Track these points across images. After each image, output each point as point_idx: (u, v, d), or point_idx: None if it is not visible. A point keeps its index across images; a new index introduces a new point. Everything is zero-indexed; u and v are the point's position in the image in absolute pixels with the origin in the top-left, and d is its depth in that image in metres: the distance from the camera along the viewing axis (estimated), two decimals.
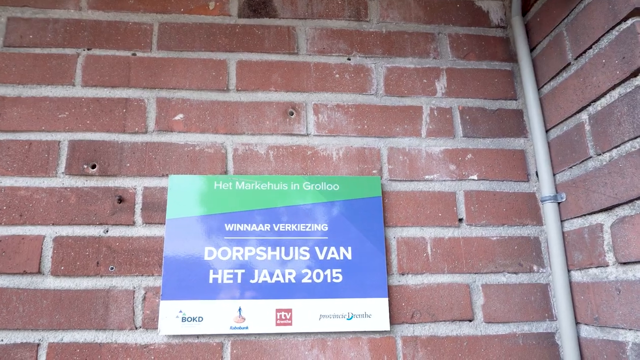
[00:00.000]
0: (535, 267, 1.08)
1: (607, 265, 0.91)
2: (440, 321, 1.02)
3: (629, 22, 0.84)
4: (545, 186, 1.06)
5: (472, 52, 1.22)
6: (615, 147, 0.87)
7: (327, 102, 1.13)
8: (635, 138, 0.83)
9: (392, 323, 1.01)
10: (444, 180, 1.11)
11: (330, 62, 1.16)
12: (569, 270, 1.02)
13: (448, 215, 1.09)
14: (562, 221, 1.05)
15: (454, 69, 1.19)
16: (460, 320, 1.03)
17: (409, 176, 1.10)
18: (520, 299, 1.05)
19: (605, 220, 0.91)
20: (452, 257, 1.06)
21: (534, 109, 1.10)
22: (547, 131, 1.10)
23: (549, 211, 1.05)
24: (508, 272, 1.07)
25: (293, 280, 1.00)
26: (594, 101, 0.93)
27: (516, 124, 1.17)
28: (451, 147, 1.14)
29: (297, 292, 0.99)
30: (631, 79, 0.84)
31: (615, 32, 0.87)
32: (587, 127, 0.96)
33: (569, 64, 1.01)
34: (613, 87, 0.88)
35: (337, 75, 1.16)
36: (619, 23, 0.86)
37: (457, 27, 1.23)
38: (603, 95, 0.91)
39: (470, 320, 1.03)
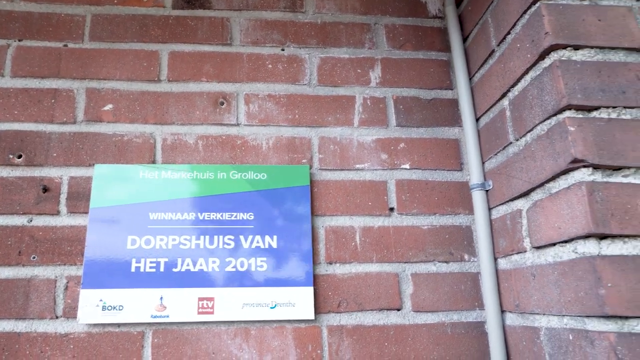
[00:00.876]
0: (466, 256, 1.07)
1: (526, 251, 0.90)
2: (367, 310, 1.02)
3: (537, 4, 0.84)
4: (474, 174, 1.06)
5: (409, 42, 1.22)
6: (529, 131, 0.87)
7: (259, 92, 1.13)
8: (544, 121, 0.82)
9: (318, 312, 1.00)
10: (375, 170, 1.11)
11: (264, 53, 1.16)
12: (495, 258, 1.02)
13: (378, 205, 1.08)
14: (490, 209, 1.04)
15: (389, 59, 1.19)
16: (388, 310, 1.02)
17: (340, 165, 1.10)
18: (450, 288, 1.05)
19: (524, 205, 0.90)
20: (382, 246, 1.06)
21: (464, 97, 1.10)
22: (477, 119, 1.10)
23: (477, 199, 1.04)
24: (439, 261, 1.06)
25: (217, 269, 0.99)
26: (512, 86, 0.93)
27: (451, 113, 1.16)
28: (384, 137, 1.13)
29: (221, 280, 0.99)
30: (539, 62, 0.83)
31: (527, 16, 0.87)
32: (508, 113, 0.95)
33: (493, 51, 1.01)
34: (526, 71, 0.88)
35: (270, 66, 1.16)
36: (530, 6, 0.86)
37: (394, 18, 1.23)
38: (519, 80, 0.90)
39: (399, 310, 1.02)
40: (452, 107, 1.17)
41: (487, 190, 1.04)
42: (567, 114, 0.77)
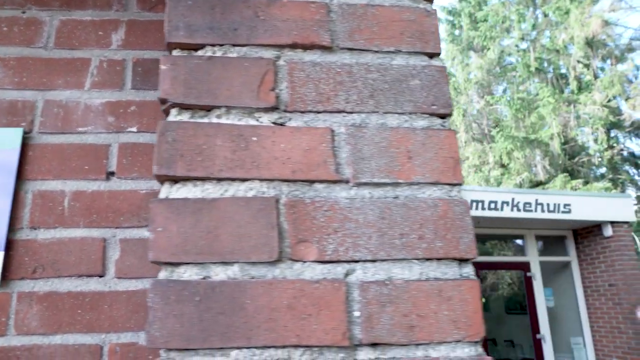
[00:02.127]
0: None
1: None
2: (65, 277, 0.97)
3: None
4: None
5: (162, 3, 1.17)
6: None
7: None
8: None
9: (10, 279, 0.96)
10: (99, 133, 1.06)
11: (2, 16, 1.13)
12: None
13: (96, 168, 1.04)
14: None
15: (136, 20, 1.15)
16: (88, 276, 0.97)
17: (61, 129, 1.06)
18: None
19: None
20: (92, 211, 1.01)
21: None
22: None
23: None
24: None
25: None
26: None
27: None
28: (115, 99, 1.09)
29: None
30: None
31: None
32: None
33: None
34: None
35: (6, 29, 1.12)
36: None
37: None
38: None
39: (101, 276, 0.97)
40: None
41: None
42: (175, 52, 0.72)
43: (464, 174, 17.49)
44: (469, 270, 0.66)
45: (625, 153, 15.47)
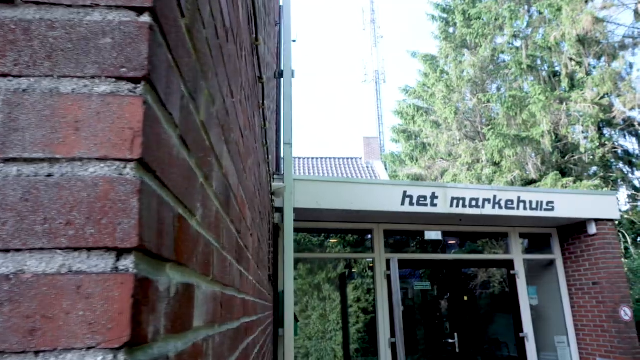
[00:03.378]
0: None
1: None
2: None
3: None
4: None
5: None
6: None
7: None
8: None
9: None
10: None
11: None
12: None
13: None
14: None
15: None
16: None
17: None
18: None
19: None
20: None
21: None
22: None
23: None
24: None
25: None
26: None
27: None
28: None
29: None
30: None
31: None
32: None
33: None
34: None
35: None
36: None
37: None
38: None
39: None
40: None
41: None
42: None
43: (457, 172, 17.36)
44: (128, 262, 0.54)
45: (619, 151, 15.28)
